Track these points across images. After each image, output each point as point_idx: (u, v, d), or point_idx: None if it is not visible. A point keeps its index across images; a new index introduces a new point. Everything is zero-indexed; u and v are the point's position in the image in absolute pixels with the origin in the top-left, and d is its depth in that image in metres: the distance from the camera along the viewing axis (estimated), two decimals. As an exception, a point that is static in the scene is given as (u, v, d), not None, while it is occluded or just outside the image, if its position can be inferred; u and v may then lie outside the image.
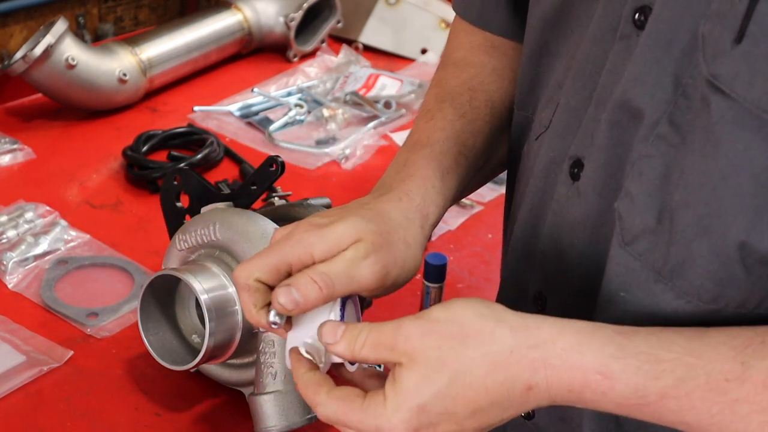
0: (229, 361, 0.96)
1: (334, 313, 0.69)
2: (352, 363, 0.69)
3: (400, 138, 1.60)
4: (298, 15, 1.84)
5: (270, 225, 0.95)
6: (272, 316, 0.69)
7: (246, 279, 0.70)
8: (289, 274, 0.70)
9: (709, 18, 0.61)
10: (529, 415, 0.84)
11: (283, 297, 0.67)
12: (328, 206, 1.10)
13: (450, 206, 0.83)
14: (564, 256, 0.76)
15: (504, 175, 1.50)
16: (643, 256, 0.67)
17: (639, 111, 0.66)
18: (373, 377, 0.71)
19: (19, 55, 1.48)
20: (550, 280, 0.78)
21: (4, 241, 1.22)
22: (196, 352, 0.91)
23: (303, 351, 0.69)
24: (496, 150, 0.89)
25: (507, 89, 0.90)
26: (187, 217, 1.06)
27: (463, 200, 1.44)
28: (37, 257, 1.21)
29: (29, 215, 1.27)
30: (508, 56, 0.91)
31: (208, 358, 0.92)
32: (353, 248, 0.69)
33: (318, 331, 0.67)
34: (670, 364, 0.61)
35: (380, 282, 0.70)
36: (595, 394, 0.62)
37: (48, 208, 1.30)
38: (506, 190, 0.95)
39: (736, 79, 0.59)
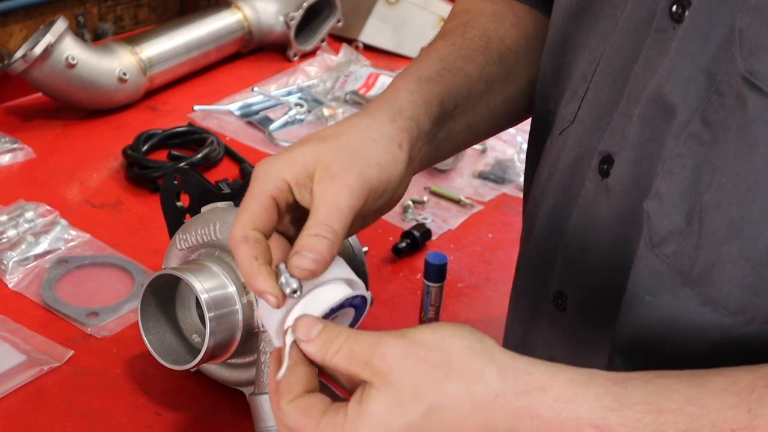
0: (229, 361, 0.96)
1: (335, 293, 0.65)
2: (319, 368, 0.63)
3: (400, 137, 1.60)
4: (298, 14, 1.84)
5: (270, 224, 0.95)
6: (294, 283, 0.63)
7: (243, 231, 0.65)
8: (278, 210, 0.67)
9: (746, 12, 0.59)
10: None
11: (299, 260, 0.63)
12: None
13: (444, 118, 0.78)
14: (588, 255, 0.73)
15: (504, 175, 1.51)
16: (670, 258, 0.64)
17: (671, 107, 0.64)
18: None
19: (18, 54, 1.48)
20: (572, 278, 0.76)
21: (4, 240, 1.22)
22: (197, 351, 0.91)
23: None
24: (499, 83, 0.84)
25: (507, 29, 0.86)
26: (188, 216, 1.06)
27: (464, 199, 1.44)
28: (37, 257, 1.21)
29: (29, 215, 1.27)
30: (509, 4, 0.89)
31: (208, 358, 0.92)
32: (323, 179, 0.66)
33: (294, 324, 0.62)
34: (671, 415, 0.56)
35: (368, 195, 0.67)
36: None
37: (48, 207, 1.30)
38: (524, 186, 0.93)
39: None
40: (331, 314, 0.65)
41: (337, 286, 0.66)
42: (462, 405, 0.57)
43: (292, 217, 0.69)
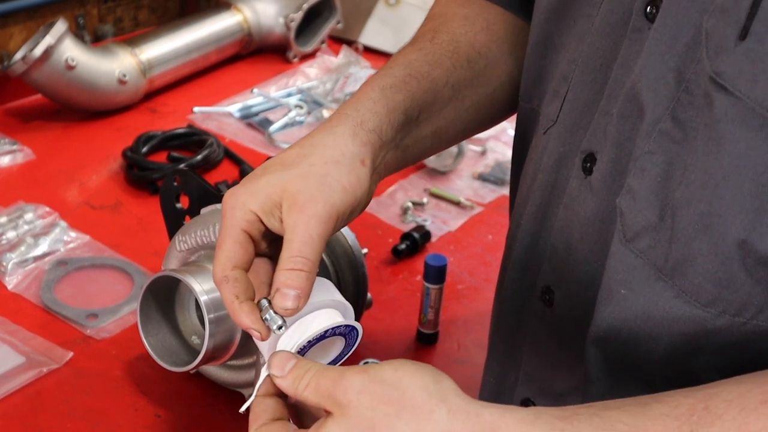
0: (228, 363, 0.96)
1: (315, 323, 0.68)
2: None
3: (400, 139, 1.60)
4: (298, 16, 1.84)
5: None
6: (278, 320, 0.67)
7: (222, 272, 0.67)
8: (254, 242, 0.68)
9: (713, 13, 0.60)
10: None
11: (282, 300, 0.66)
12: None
13: (408, 126, 0.79)
14: (574, 251, 0.75)
15: (504, 176, 1.51)
16: (644, 253, 0.66)
17: (643, 107, 0.65)
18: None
19: (18, 55, 1.48)
20: (559, 274, 0.77)
21: (3, 242, 1.22)
22: (196, 353, 0.91)
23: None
24: (466, 89, 0.84)
25: (477, 33, 0.86)
26: (187, 218, 1.06)
27: (463, 201, 1.45)
28: (36, 258, 1.21)
29: (29, 216, 1.27)
30: (481, 8, 0.89)
31: (207, 360, 0.91)
32: (291, 209, 0.67)
33: (268, 360, 0.66)
34: None
35: (337, 222, 0.69)
36: None
37: (48, 209, 1.30)
38: (511, 184, 0.94)
39: (739, 77, 0.58)
40: (316, 342, 0.68)
41: (322, 316, 0.69)
42: None
43: (269, 239, 0.71)
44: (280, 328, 0.67)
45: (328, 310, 0.69)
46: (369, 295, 1.09)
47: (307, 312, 0.68)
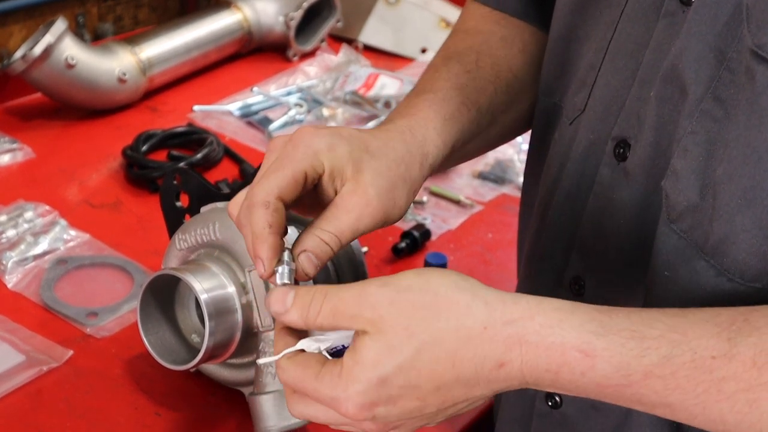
0: (228, 361, 0.96)
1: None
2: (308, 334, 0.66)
3: (399, 137, 1.60)
4: (298, 14, 1.84)
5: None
6: (287, 278, 0.66)
7: (267, 196, 0.66)
8: (305, 184, 0.68)
9: None
10: (556, 404, 0.82)
11: (307, 264, 0.66)
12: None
13: (453, 157, 0.81)
14: (608, 239, 0.75)
15: (504, 175, 1.51)
16: (686, 233, 0.67)
17: (684, 87, 0.66)
18: None
19: (18, 54, 1.48)
20: (590, 263, 0.77)
21: (3, 240, 1.22)
22: (196, 351, 0.91)
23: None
24: (502, 114, 0.87)
25: (515, 56, 0.88)
26: (187, 216, 1.06)
27: (463, 200, 1.44)
28: (36, 257, 1.21)
29: (29, 215, 1.27)
30: (518, 27, 0.91)
31: (207, 358, 0.91)
32: (357, 194, 0.68)
33: (266, 300, 0.65)
34: (654, 341, 0.58)
35: (379, 227, 0.70)
36: (574, 374, 0.59)
37: (47, 207, 1.30)
38: (525, 180, 0.94)
39: None
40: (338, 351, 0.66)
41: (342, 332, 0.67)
42: (452, 339, 0.59)
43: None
44: (284, 285, 0.66)
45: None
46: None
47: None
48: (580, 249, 0.78)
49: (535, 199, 0.89)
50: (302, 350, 0.64)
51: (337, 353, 0.64)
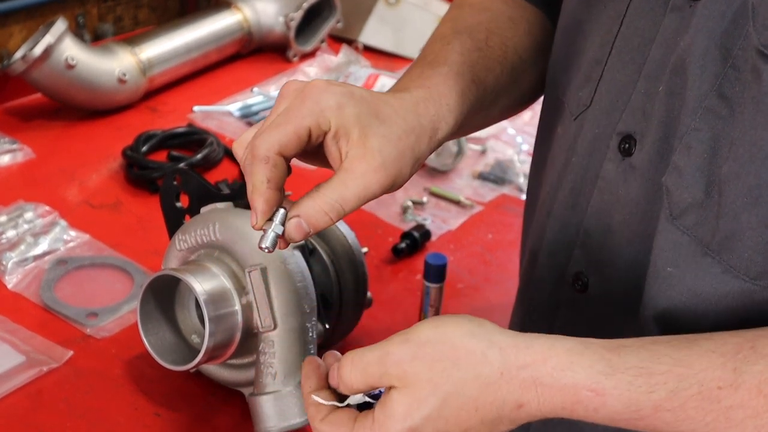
0: (228, 362, 0.96)
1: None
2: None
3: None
4: (298, 15, 1.84)
5: (270, 225, 0.95)
6: (269, 242, 0.67)
7: (267, 150, 0.66)
8: (309, 139, 0.67)
9: None
10: None
11: (293, 229, 0.67)
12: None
13: (457, 134, 0.80)
14: (612, 234, 0.75)
15: (504, 175, 1.51)
16: (690, 230, 0.67)
17: (690, 83, 0.66)
18: None
19: (18, 54, 1.48)
20: (594, 259, 0.78)
21: (3, 241, 1.22)
22: (196, 352, 0.91)
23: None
24: (503, 94, 0.86)
25: (521, 38, 0.88)
26: (187, 217, 1.06)
27: (463, 200, 1.44)
28: (36, 257, 1.21)
29: (29, 215, 1.27)
30: (523, 8, 0.90)
31: (207, 358, 0.91)
32: (365, 160, 0.67)
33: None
34: (662, 376, 0.61)
35: (383, 194, 0.69)
36: (587, 411, 0.63)
37: (47, 208, 1.30)
38: (530, 176, 0.94)
39: None
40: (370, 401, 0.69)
41: None
42: (472, 388, 0.63)
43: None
44: (273, 244, 0.67)
45: None
46: (369, 294, 1.09)
47: None
48: (583, 245, 0.78)
49: (539, 194, 0.89)
50: (333, 406, 0.68)
51: (365, 405, 0.69)
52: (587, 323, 0.81)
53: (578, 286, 0.79)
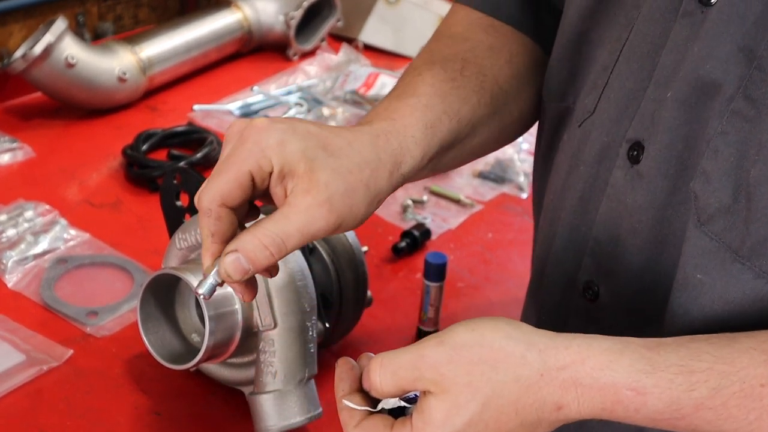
0: (228, 361, 0.96)
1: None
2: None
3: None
4: (298, 13, 1.84)
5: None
6: (205, 288, 0.66)
7: (209, 203, 0.64)
8: (254, 184, 0.65)
9: None
10: None
11: (230, 266, 0.64)
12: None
13: (426, 170, 0.77)
14: (622, 242, 0.74)
15: (504, 174, 1.51)
16: (719, 236, 0.66)
17: (712, 88, 0.65)
18: None
19: (18, 53, 1.48)
20: (604, 268, 0.77)
21: (3, 240, 1.22)
22: (196, 351, 0.91)
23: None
24: (482, 126, 0.82)
25: (502, 67, 0.84)
26: (187, 216, 1.06)
27: (463, 199, 1.44)
28: (36, 256, 1.21)
29: (29, 214, 1.27)
30: (506, 37, 0.87)
31: (207, 357, 0.91)
32: (310, 194, 0.64)
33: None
34: (702, 374, 0.60)
35: (331, 233, 0.66)
36: (628, 411, 0.62)
37: (47, 206, 1.30)
38: (534, 184, 0.93)
39: None
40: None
41: None
42: (513, 390, 0.62)
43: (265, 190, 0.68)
44: (209, 292, 0.66)
45: None
46: (369, 293, 1.09)
47: None
48: (592, 253, 0.77)
49: (543, 201, 0.88)
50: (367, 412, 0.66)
51: (399, 410, 0.66)
52: (599, 332, 0.79)
53: (588, 295, 0.79)
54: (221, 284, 0.67)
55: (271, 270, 0.68)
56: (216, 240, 0.65)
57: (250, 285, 0.68)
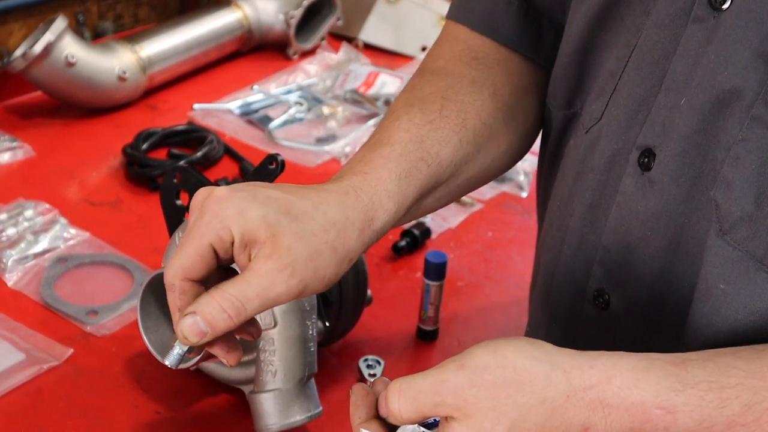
0: (228, 359, 0.96)
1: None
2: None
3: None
4: (298, 12, 1.84)
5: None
6: (172, 358, 0.66)
7: (172, 278, 0.65)
8: (217, 255, 0.65)
9: None
10: None
11: (187, 329, 0.64)
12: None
13: (405, 217, 0.76)
14: (633, 250, 0.73)
15: (504, 173, 1.51)
16: (741, 244, 0.65)
17: (730, 95, 0.65)
18: None
19: (18, 52, 1.48)
20: (615, 276, 0.76)
21: (3, 239, 1.22)
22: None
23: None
24: (465, 165, 0.81)
25: (485, 101, 0.82)
26: (187, 214, 1.06)
27: (463, 198, 1.44)
28: (36, 255, 1.21)
29: (29, 213, 1.27)
30: (491, 70, 0.85)
31: (207, 357, 0.91)
32: (272, 259, 0.63)
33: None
34: (733, 390, 0.59)
35: (294, 297, 0.65)
36: (657, 429, 0.60)
37: (47, 206, 1.30)
38: (539, 189, 0.92)
39: None
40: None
41: None
42: (539, 413, 0.60)
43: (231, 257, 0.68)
44: (176, 362, 0.67)
45: None
46: (369, 292, 1.09)
47: None
48: (602, 261, 0.76)
49: (547, 206, 0.87)
50: None
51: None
52: (608, 342, 0.79)
53: (599, 303, 0.78)
54: (191, 352, 0.66)
55: (253, 332, 0.68)
56: (183, 314, 0.65)
57: (232, 347, 0.67)
